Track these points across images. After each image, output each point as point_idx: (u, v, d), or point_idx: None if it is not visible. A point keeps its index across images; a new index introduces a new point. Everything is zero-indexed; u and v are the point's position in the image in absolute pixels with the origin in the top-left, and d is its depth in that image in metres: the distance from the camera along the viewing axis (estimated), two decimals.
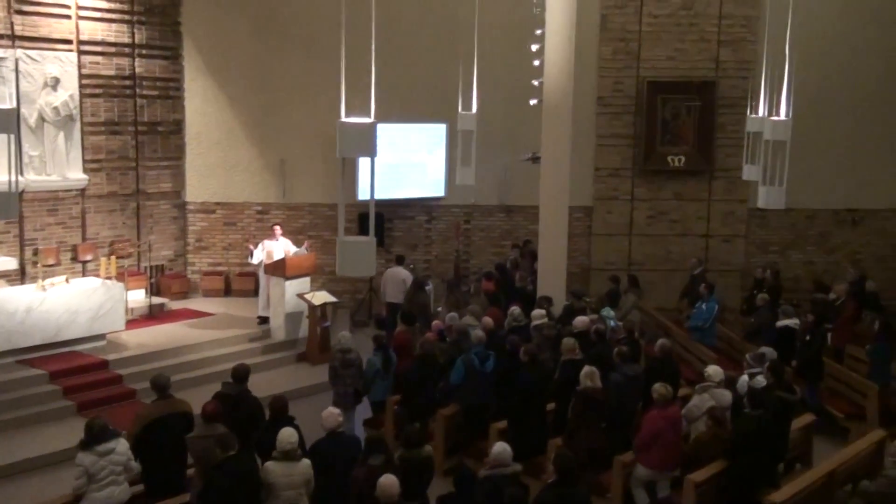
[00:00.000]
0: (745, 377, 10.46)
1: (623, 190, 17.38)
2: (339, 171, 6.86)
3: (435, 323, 12.09)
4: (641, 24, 17.02)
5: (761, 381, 10.20)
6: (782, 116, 10.39)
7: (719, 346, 14.14)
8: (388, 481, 6.70)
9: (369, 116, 6.99)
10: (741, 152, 14.82)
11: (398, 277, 15.36)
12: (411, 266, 16.31)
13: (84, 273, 15.32)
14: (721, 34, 17.07)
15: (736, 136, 16.74)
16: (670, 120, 17.12)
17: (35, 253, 14.83)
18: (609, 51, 17.08)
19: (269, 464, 7.58)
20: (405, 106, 16.57)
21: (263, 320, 14.89)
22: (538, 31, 13.89)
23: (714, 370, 9.79)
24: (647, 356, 12.46)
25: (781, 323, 12.85)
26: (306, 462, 7.71)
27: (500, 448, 7.59)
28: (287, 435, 7.61)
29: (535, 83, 14.06)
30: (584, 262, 17.52)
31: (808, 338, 12.39)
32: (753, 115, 13.57)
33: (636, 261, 17.41)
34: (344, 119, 6.81)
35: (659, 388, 9.18)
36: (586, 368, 9.50)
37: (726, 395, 9.61)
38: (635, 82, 17.12)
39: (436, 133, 17.11)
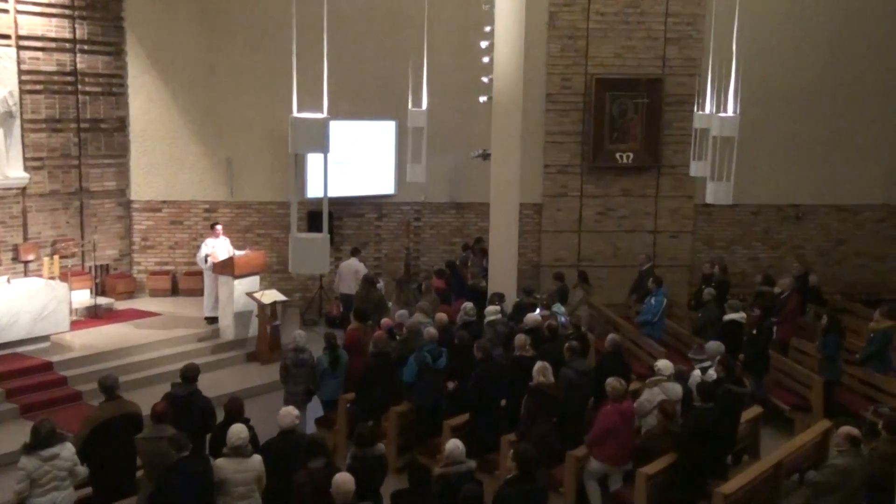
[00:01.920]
0: (697, 371, 10.61)
1: (572, 187, 17.48)
2: (291, 167, 6.74)
3: (384, 321, 12.04)
4: (589, 21, 17.12)
5: (713, 374, 10.35)
6: (730, 113, 10.52)
7: (668, 341, 14.29)
8: (344, 479, 6.65)
9: (321, 112, 6.91)
10: (688, 149, 15.01)
11: (352, 269, 15.32)
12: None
13: (26, 273, 14.97)
14: (668, 32, 17.24)
15: (682, 133, 16.95)
16: (618, 117, 17.25)
17: None
18: (557, 48, 17.16)
19: (220, 460, 7.54)
20: (354, 103, 16.50)
21: (211, 320, 14.70)
22: (487, 28, 13.91)
23: (664, 364, 9.90)
24: (598, 351, 12.58)
25: (728, 317, 13.01)
26: (257, 458, 7.66)
27: (453, 445, 7.57)
28: (237, 431, 7.57)
29: (485, 80, 14.07)
30: (534, 258, 17.59)
31: (754, 331, 12.58)
32: (700, 112, 13.71)
33: (586, 257, 17.52)
34: (296, 114, 6.73)
35: (613, 382, 9.23)
36: (539, 364, 9.53)
37: (676, 389, 9.72)
38: (584, 79, 17.21)
39: (385, 130, 17.04)
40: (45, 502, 7.80)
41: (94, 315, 14.96)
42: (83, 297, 15.14)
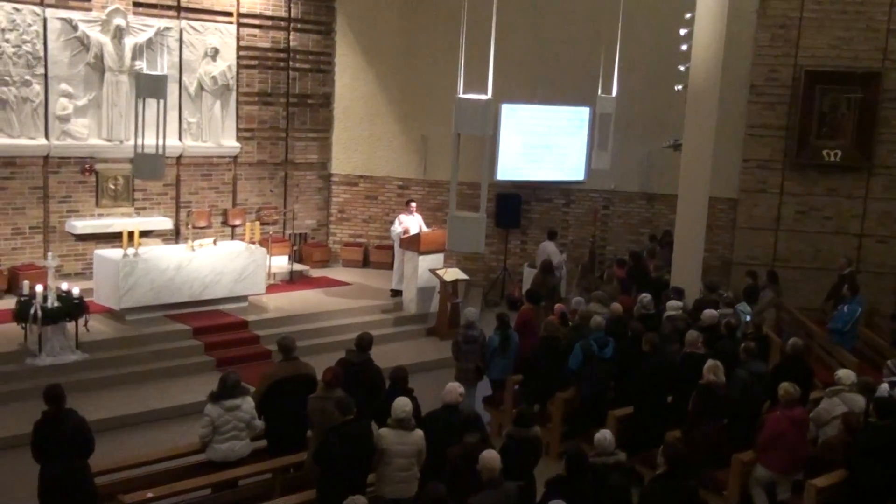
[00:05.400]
0: (885, 385, 9.95)
1: (772, 183, 16.68)
2: (454, 147, 6.86)
3: (558, 306, 12.03)
4: (803, 10, 16.22)
5: None
6: None
7: (864, 351, 13.47)
8: (491, 456, 6.74)
9: (490, 94, 6.99)
10: None
11: (545, 252, 15.53)
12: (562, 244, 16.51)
13: (233, 237, 16.06)
14: (891, 23, 16.08)
15: None
16: (828, 112, 16.29)
17: (188, 215, 15.67)
18: (766, 37, 16.38)
19: (383, 430, 7.73)
20: (550, 87, 16.50)
21: (396, 293, 15.20)
22: (688, 15, 13.53)
23: (845, 373, 9.36)
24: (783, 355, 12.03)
25: None
26: (419, 433, 7.80)
27: (602, 436, 7.50)
28: (402, 404, 7.74)
29: (682, 68, 13.71)
30: (726, 255, 16.98)
31: None
32: None
33: (781, 257, 16.71)
34: (461, 95, 6.86)
35: (787, 386, 8.85)
36: (710, 362, 9.29)
37: (859, 400, 9.16)
38: (792, 71, 16.35)
39: (579, 116, 16.94)
40: (224, 449, 8.43)
41: (290, 280, 15.83)
42: (281, 262, 16.04)
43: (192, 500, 8.23)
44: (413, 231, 14.98)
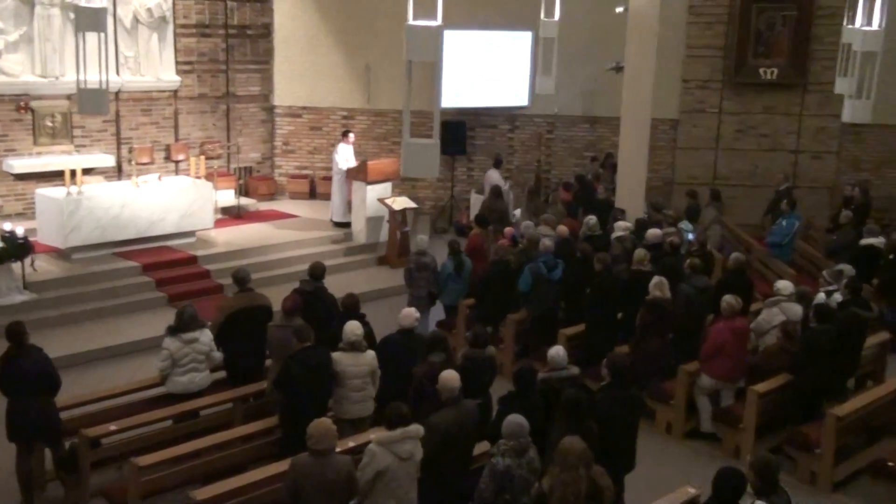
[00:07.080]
0: (822, 294, 10.39)
1: (711, 102, 16.98)
2: (407, 75, 6.90)
3: (507, 229, 12.22)
4: None
5: (838, 298, 10.15)
6: (874, 27, 9.99)
7: (800, 263, 13.99)
8: (450, 375, 6.95)
9: (440, 20, 7.01)
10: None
11: (490, 179, 15.63)
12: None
13: (177, 172, 15.87)
14: None
15: (833, 48, 16.04)
16: (764, 31, 16.55)
17: (130, 151, 15.44)
18: None
19: (337, 354, 7.95)
20: (491, 12, 16.41)
21: (338, 225, 15.27)
22: None
23: (784, 284, 9.76)
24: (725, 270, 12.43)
25: (865, 241, 12.63)
26: (371, 353, 8.07)
27: (555, 352, 7.76)
28: (352, 327, 7.96)
29: None
30: (668, 175, 17.30)
31: (891, 256, 12.15)
32: (850, 26, 13.02)
33: (721, 175, 17.10)
34: (411, 22, 6.87)
35: (728, 299, 9.22)
36: (655, 279, 9.58)
37: (796, 309, 9.58)
38: None
39: (521, 41, 16.93)
40: (184, 381, 8.51)
41: (237, 214, 15.74)
42: (227, 196, 15.89)
43: (154, 431, 8.33)
44: (351, 162, 15.03)
